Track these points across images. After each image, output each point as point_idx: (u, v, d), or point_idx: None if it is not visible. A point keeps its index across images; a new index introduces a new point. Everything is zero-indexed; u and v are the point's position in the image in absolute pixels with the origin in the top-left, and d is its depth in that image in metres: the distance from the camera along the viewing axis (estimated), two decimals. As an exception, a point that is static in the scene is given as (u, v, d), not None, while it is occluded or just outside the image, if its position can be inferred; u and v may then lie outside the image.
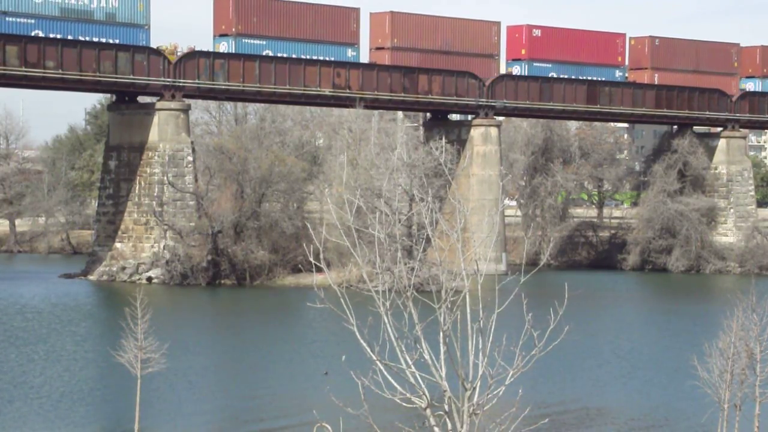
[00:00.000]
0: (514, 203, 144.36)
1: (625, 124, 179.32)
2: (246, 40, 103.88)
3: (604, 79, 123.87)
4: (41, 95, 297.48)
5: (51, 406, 47.22)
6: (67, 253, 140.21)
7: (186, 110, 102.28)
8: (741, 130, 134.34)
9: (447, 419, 17.46)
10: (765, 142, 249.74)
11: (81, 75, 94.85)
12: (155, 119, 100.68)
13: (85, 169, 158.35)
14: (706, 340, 36.89)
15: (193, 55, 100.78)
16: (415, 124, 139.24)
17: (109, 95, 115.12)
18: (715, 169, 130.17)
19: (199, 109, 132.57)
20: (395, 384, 17.73)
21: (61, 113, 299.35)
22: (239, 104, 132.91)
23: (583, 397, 51.51)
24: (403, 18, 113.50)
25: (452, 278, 18.10)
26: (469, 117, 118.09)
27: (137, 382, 38.37)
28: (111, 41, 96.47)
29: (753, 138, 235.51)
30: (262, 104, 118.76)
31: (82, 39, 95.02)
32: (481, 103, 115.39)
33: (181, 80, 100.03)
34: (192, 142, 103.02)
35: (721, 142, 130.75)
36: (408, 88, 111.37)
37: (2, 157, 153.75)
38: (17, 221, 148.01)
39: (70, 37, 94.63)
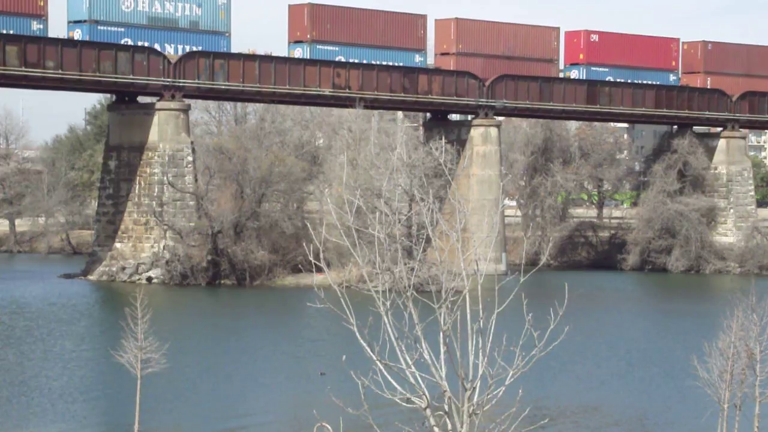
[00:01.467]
0: (513, 203, 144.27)
1: (625, 124, 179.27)
2: (320, 47, 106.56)
3: (658, 83, 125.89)
4: (41, 95, 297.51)
5: (50, 405, 47.21)
6: (67, 253, 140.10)
7: (186, 110, 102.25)
8: (741, 130, 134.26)
9: (447, 419, 17.46)
10: (765, 142, 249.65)
11: (81, 75, 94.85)
12: (155, 119, 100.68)
13: (85, 169, 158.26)
14: (706, 340, 36.88)
15: (192, 55, 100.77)
16: (415, 124, 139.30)
17: (109, 95, 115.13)
18: (715, 169, 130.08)
19: (199, 109, 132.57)
20: (395, 384, 17.73)
21: (61, 113, 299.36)
22: (239, 104, 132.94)
23: (583, 397, 51.51)
24: (468, 24, 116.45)
25: (452, 278, 18.10)
26: (469, 117, 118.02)
27: (137, 382, 38.37)
28: (195, 48, 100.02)
29: (753, 138, 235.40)
30: (262, 104, 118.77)
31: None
32: (480, 103, 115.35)
33: (181, 80, 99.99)
34: (192, 142, 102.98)
35: (721, 142, 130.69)
36: (408, 88, 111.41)
37: (2, 157, 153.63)
38: (17, 221, 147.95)
39: (156, 46, 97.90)
